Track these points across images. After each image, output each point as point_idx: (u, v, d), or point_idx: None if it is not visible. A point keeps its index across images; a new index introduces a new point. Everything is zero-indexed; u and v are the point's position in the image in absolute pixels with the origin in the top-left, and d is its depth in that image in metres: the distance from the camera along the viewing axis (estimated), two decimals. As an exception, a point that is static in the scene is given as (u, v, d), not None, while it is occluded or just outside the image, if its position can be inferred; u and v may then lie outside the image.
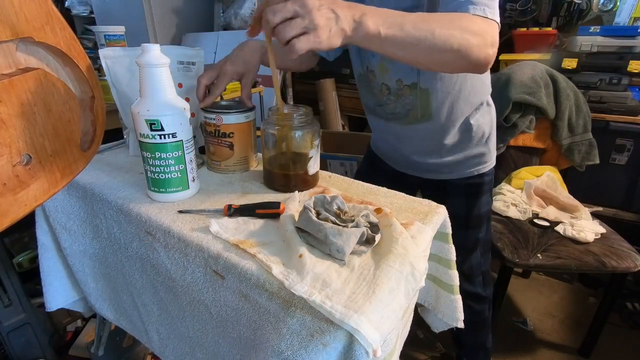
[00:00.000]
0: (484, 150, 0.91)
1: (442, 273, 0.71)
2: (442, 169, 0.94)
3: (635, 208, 1.59)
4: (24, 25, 0.51)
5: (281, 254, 0.53)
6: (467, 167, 0.92)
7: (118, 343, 1.16)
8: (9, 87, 0.50)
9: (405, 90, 0.83)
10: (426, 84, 0.81)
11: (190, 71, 0.83)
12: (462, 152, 0.90)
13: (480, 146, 0.91)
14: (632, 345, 1.46)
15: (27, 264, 1.24)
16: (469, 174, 0.93)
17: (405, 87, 0.83)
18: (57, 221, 0.82)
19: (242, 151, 0.78)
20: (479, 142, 0.90)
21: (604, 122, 1.55)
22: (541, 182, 1.49)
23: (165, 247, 0.62)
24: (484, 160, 0.93)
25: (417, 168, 0.98)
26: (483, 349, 1.17)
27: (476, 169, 0.93)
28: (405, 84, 0.83)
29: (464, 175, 0.93)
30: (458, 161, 0.92)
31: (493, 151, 0.94)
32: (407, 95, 0.84)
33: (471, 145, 0.90)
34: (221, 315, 0.59)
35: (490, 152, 0.93)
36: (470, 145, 0.90)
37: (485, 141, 0.91)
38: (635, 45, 1.49)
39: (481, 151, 0.91)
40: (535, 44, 1.73)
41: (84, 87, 0.64)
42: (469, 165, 0.92)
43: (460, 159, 0.91)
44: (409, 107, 0.86)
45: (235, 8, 2.05)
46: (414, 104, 0.85)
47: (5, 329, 1.17)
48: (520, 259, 1.18)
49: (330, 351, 0.44)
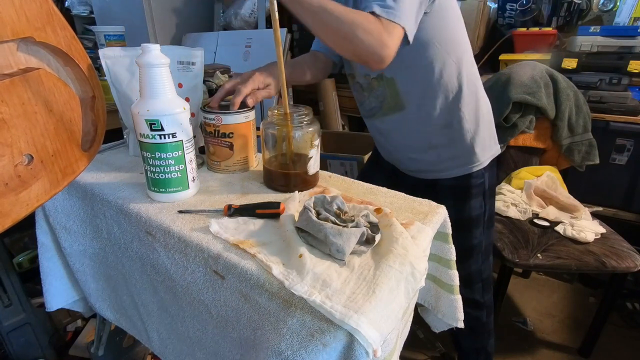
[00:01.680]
0: (468, 150, 0.90)
1: (442, 273, 0.71)
2: (426, 167, 0.94)
3: (635, 208, 1.59)
4: (25, 25, 0.51)
5: (281, 254, 0.53)
6: (453, 167, 0.92)
7: (118, 343, 1.16)
8: (10, 87, 0.50)
9: (374, 82, 0.88)
10: (390, 72, 0.84)
11: (190, 71, 0.83)
12: (445, 149, 0.90)
13: (463, 145, 0.89)
14: (632, 345, 1.46)
15: (27, 264, 1.24)
16: (455, 174, 0.92)
17: (372, 80, 0.88)
18: (57, 221, 0.82)
19: (241, 151, 0.78)
20: (462, 140, 0.89)
21: (604, 122, 1.55)
22: (541, 182, 1.49)
23: (165, 247, 0.62)
24: (470, 160, 0.91)
25: (404, 166, 1.00)
26: (483, 353, 1.16)
27: (462, 169, 0.91)
28: (373, 77, 0.87)
29: (450, 175, 0.93)
30: (442, 160, 0.91)
31: (482, 153, 0.91)
32: (376, 87, 0.88)
33: (454, 144, 0.89)
34: (221, 315, 0.59)
35: (476, 153, 0.90)
36: (454, 144, 0.89)
37: (469, 140, 0.89)
38: (635, 45, 1.49)
39: (465, 150, 0.90)
40: (535, 44, 1.73)
41: (84, 86, 0.64)
42: (454, 165, 0.92)
43: (444, 157, 0.91)
44: (380, 98, 0.89)
45: (235, 8, 2.05)
46: (385, 95, 0.88)
47: (5, 329, 1.17)
48: (520, 259, 1.18)
49: (330, 351, 0.44)
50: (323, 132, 2.15)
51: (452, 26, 0.81)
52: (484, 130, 0.91)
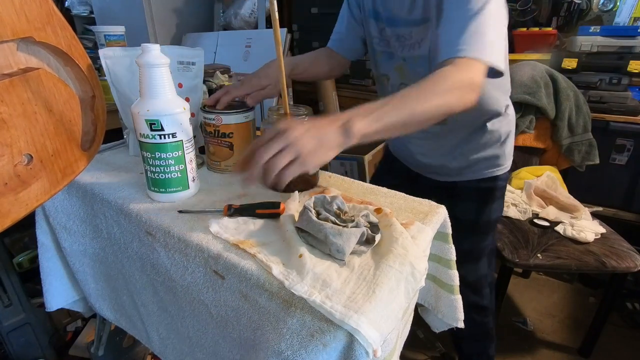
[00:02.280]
0: (498, 153, 0.89)
1: (442, 273, 0.71)
2: (451, 172, 0.92)
3: (635, 208, 1.59)
4: (25, 25, 0.51)
5: (281, 254, 0.53)
6: (479, 169, 0.90)
7: (118, 343, 1.16)
8: (10, 87, 0.50)
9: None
10: None
11: (190, 71, 0.83)
12: (475, 154, 0.88)
13: (494, 149, 0.88)
14: (632, 345, 1.46)
15: (27, 264, 1.23)
16: (481, 175, 0.90)
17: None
18: (57, 221, 0.82)
19: (242, 151, 0.78)
20: (494, 145, 0.88)
21: (604, 122, 1.55)
22: (541, 182, 1.49)
23: (165, 247, 0.62)
24: (497, 163, 0.90)
25: (425, 169, 0.97)
26: (485, 356, 1.16)
27: (489, 171, 0.90)
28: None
29: (476, 177, 0.91)
30: (470, 164, 0.89)
31: (509, 155, 0.91)
32: None
33: (485, 148, 0.88)
34: (221, 315, 0.59)
35: (504, 155, 0.90)
36: (484, 148, 0.87)
37: (500, 144, 0.88)
38: (635, 45, 1.49)
39: (495, 153, 0.89)
40: (535, 44, 1.73)
41: (84, 86, 0.64)
42: (481, 168, 0.90)
43: (473, 162, 0.89)
44: None
45: (235, 8, 2.05)
46: None
47: (5, 329, 1.17)
48: (520, 259, 1.18)
49: (330, 351, 0.44)
50: (323, 132, 2.14)
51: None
52: (512, 136, 0.90)
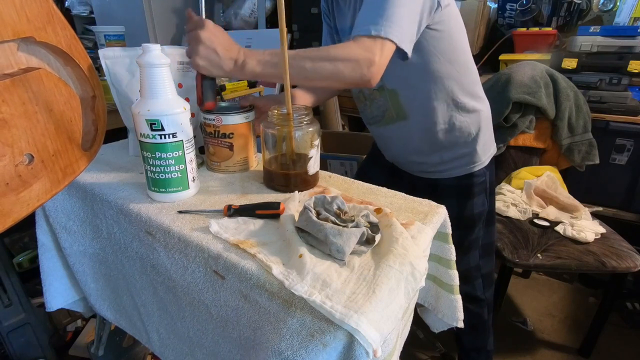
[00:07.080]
0: (470, 151, 0.91)
1: (442, 273, 0.71)
2: (429, 169, 0.95)
3: (635, 208, 1.59)
4: (25, 25, 0.51)
5: (281, 254, 0.53)
6: (455, 167, 0.93)
7: (118, 343, 1.16)
8: (11, 87, 0.51)
9: (375, 93, 0.90)
10: (391, 84, 0.85)
11: (190, 71, 0.83)
12: (448, 152, 0.91)
13: (466, 147, 0.91)
14: (632, 345, 1.46)
15: (27, 264, 1.24)
16: (457, 173, 0.93)
17: (374, 90, 0.89)
18: (57, 221, 0.82)
19: (241, 151, 0.78)
20: (465, 142, 0.90)
21: (604, 122, 1.55)
22: (541, 182, 1.49)
23: (165, 247, 0.62)
24: (472, 160, 0.92)
25: (407, 167, 1.00)
26: (484, 352, 1.17)
27: (464, 169, 0.93)
28: (374, 88, 0.88)
29: (453, 175, 0.94)
30: (444, 161, 0.92)
31: (482, 152, 0.93)
32: (378, 97, 0.90)
33: (457, 146, 0.90)
34: (221, 315, 0.59)
35: (477, 153, 0.92)
36: (456, 145, 0.90)
37: (471, 141, 0.90)
38: (635, 45, 1.48)
39: (468, 151, 0.91)
40: (535, 44, 1.73)
41: (85, 86, 0.64)
42: (455, 165, 0.93)
43: (447, 159, 0.92)
44: (382, 108, 0.90)
45: (235, 8, 2.05)
46: (387, 106, 0.89)
47: (5, 329, 1.17)
48: (520, 259, 1.18)
49: (330, 351, 0.44)
50: (323, 132, 2.15)
51: (455, 37, 0.81)
52: (485, 132, 0.92)
